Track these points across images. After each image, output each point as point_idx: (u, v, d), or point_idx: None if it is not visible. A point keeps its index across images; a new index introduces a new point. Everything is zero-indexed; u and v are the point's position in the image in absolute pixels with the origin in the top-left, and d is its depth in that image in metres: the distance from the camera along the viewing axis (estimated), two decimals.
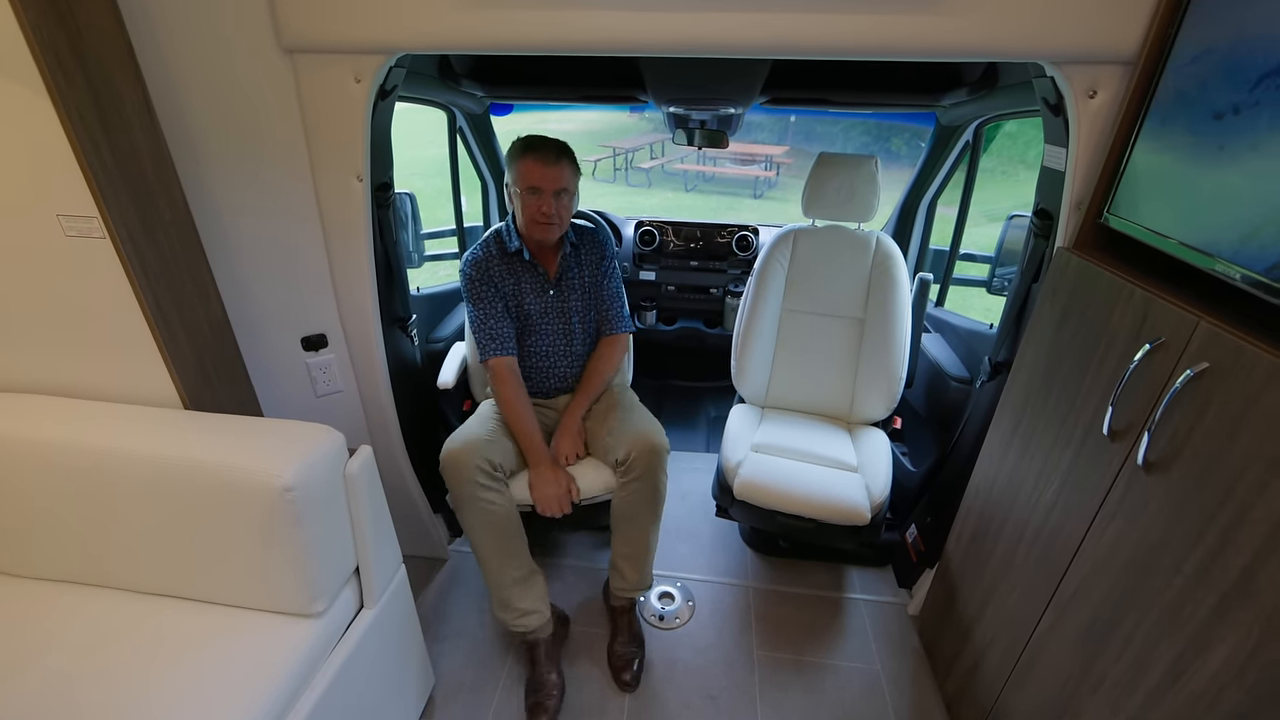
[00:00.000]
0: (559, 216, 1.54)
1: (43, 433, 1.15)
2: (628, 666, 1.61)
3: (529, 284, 1.65)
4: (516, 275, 1.64)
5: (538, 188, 1.51)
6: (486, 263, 1.62)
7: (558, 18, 1.17)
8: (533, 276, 1.65)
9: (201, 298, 1.27)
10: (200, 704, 0.98)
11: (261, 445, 1.10)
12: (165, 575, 1.17)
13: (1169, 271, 0.99)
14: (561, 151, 1.54)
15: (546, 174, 1.50)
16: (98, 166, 1.03)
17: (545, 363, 1.72)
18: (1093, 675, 0.99)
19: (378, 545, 1.25)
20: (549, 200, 1.51)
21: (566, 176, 1.53)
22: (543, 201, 1.52)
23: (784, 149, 11.53)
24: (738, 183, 11.13)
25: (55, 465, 1.13)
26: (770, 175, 10.97)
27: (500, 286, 1.63)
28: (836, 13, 1.13)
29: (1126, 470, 0.94)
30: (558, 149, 1.53)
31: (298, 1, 1.20)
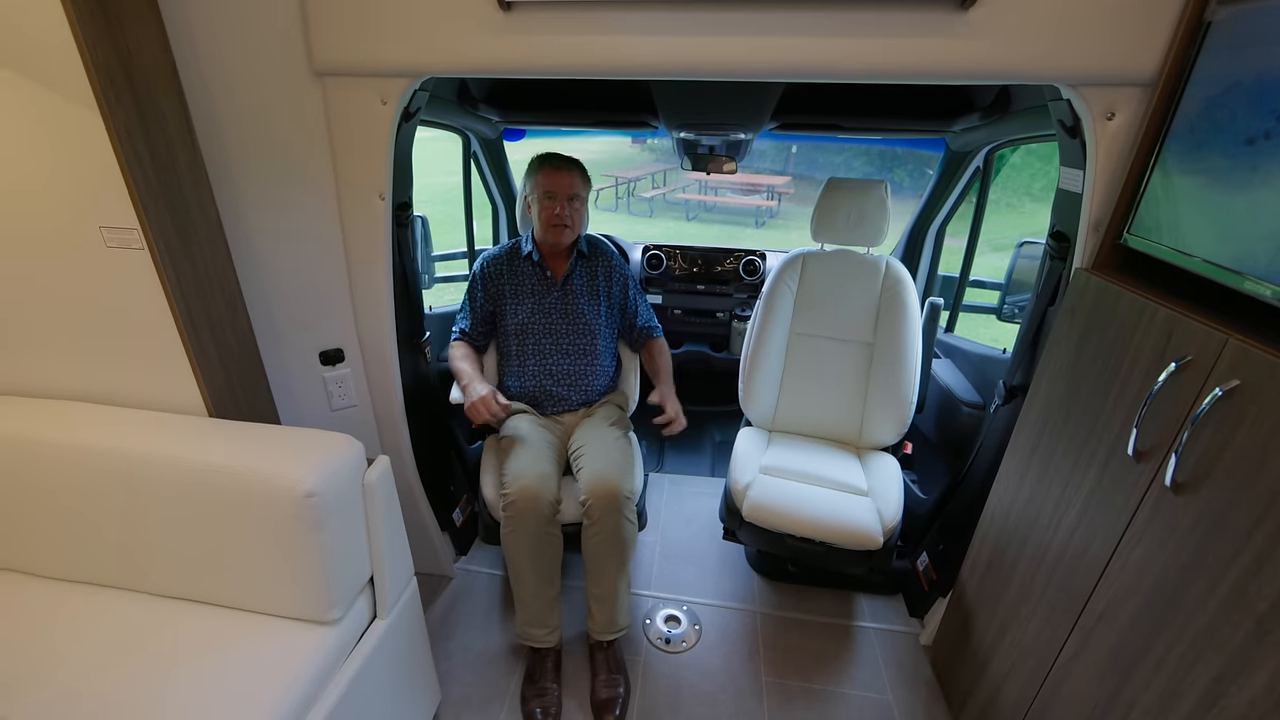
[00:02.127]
0: (571, 219, 1.71)
1: (73, 437, 1.17)
2: (609, 708, 1.55)
3: (532, 285, 1.78)
4: (520, 278, 1.78)
5: (552, 192, 1.68)
6: (496, 263, 1.80)
7: (575, 42, 1.21)
8: (538, 279, 1.77)
9: (230, 310, 1.30)
10: (219, 707, 0.99)
11: (284, 452, 1.11)
12: (188, 579, 1.17)
13: (1190, 292, 1.00)
14: (573, 163, 1.72)
15: (560, 180, 1.69)
16: (140, 180, 1.06)
17: (543, 366, 1.75)
18: (1120, 704, 0.97)
19: (392, 555, 1.25)
20: (562, 204, 1.69)
21: (578, 184, 1.72)
22: (556, 204, 1.69)
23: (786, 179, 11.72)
24: (739, 212, 11.27)
25: (83, 469, 1.15)
26: (772, 204, 11.12)
27: (501, 287, 1.78)
28: (851, 36, 1.15)
29: (1154, 491, 0.94)
30: (569, 161, 1.72)
31: (330, 27, 1.25)
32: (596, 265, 1.84)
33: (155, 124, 1.09)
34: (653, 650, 1.76)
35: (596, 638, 1.62)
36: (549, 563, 1.53)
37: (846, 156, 12.49)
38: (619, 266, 1.87)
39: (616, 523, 1.50)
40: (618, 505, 1.49)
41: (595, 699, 1.58)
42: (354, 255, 1.50)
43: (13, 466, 1.18)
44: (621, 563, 1.55)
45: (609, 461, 1.56)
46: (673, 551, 2.15)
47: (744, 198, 11.48)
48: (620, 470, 1.55)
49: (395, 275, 1.57)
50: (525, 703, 1.55)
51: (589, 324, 1.78)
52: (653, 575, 2.04)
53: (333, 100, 1.33)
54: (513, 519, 1.47)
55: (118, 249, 1.12)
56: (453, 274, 2.76)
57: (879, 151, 11.38)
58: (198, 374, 1.23)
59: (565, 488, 1.61)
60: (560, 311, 1.77)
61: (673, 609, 1.90)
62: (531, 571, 1.52)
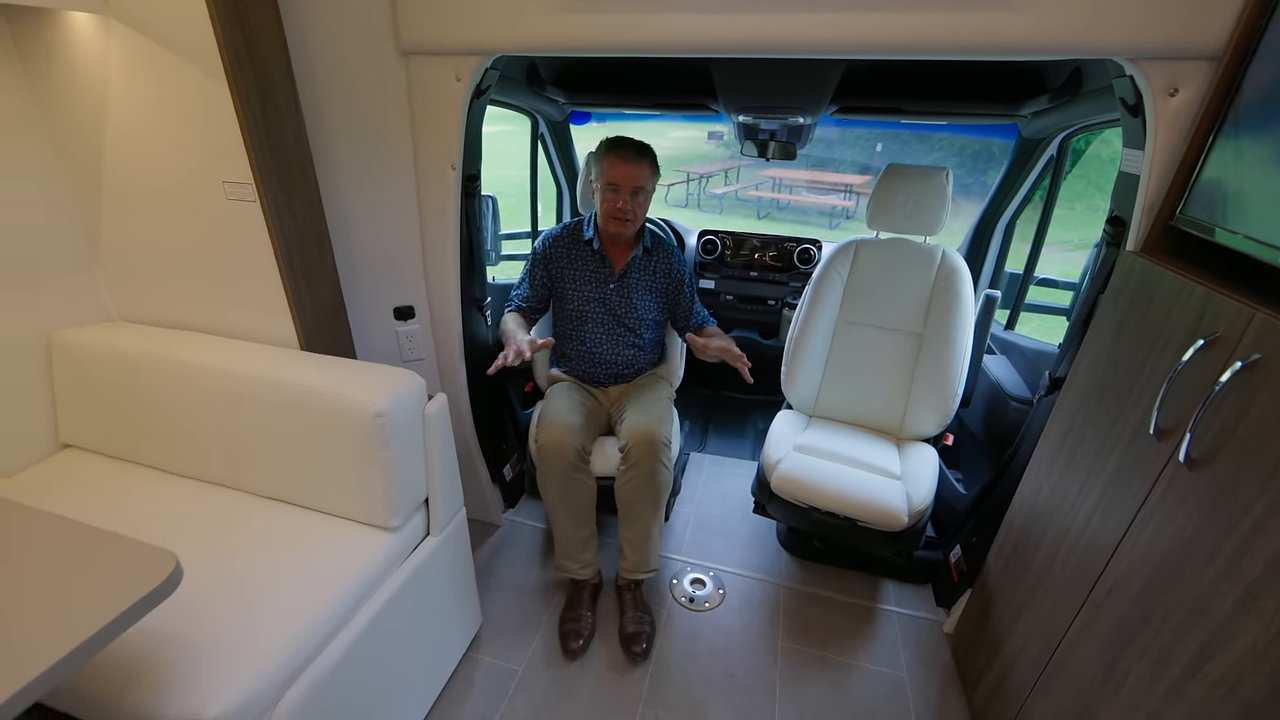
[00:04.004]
0: (633, 213, 1.69)
1: (191, 357, 1.41)
2: (636, 639, 1.68)
3: (590, 272, 1.80)
4: (580, 262, 1.80)
5: (616, 184, 1.66)
6: (559, 243, 1.82)
7: (638, 20, 1.29)
8: (597, 267, 1.80)
9: (321, 261, 1.50)
10: (297, 586, 1.17)
11: (360, 379, 1.30)
12: (276, 481, 1.39)
13: (1247, 277, 0.97)
14: (642, 152, 1.67)
15: (626, 172, 1.65)
16: (256, 143, 1.26)
17: (595, 351, 1.84)
18: (1116, 674, 0.99)
19: (445, 481, 1.42)
20: (625, 197, 1.67)
21: (645, 176, 1.67)
22: (619, 197, 1.67)
23: (866, 178, 11.37)
24: (813, 211, 11.02)
25: (197, 384, 1.38)
26: (849, 205, 10.82)
27: (557, 269, 1.81)
28: (907, 11, 1.16)
29: (1170, 468, 0.94)
30: (639, 149, 1.66)
31: (416, 10, 1.40)
32: (657, 261, 1.84)
33: (269, 95, 1.29)
34: (676, 606, 1.86)
35: (626, 577, 1.75)
36: (581, 505, 1.68)
37: (939, 156, 11.89)
38: (679, 264, 1.87)
39: (652, 467, 1.61)
40: (654, 450, 1.61)
41: (623, 632, 1.71)
42: (427, 220, 1.66)
43: (143, 380, 1.44)
44: (654, 506, 1.66)
45: (649, 414, 1.69)
46: (705, 524, 2.23)
47: (820, 196, 11.22)
48: (659, 420, 1.67)
49: (462, 241, 1.73)
50: (562, 625, 1.72)
51: (641, 317, 1.83)
52: (684, 542, 2.13)
53: (414, 77, 1.49)
54: (542, 463, 1.63)
55: (235, 201, 1.33)
56: (516, 253, 2.94)
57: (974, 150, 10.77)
58: (293, 313, 1.43)
59: (601, 444, 1.74)
60: (615, 302, 1.80)
61: (700, 574, 1.99)
62: (565, 512, 1.67)
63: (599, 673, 1.63)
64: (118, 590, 0.81)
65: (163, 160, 1.37)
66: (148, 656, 1.03)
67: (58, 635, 0.74)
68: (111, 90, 1.33)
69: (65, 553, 0.90)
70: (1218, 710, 0.78)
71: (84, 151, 1.44)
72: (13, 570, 0.86)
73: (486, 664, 1.64)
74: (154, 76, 1.27)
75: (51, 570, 0.87)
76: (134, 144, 1.39)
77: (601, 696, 1.57)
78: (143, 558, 0.88)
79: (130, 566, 0.86)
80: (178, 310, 1.57)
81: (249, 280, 1.43)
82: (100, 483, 1.46)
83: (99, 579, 0.84)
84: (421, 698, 1.48)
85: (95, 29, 1.27)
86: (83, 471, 1.50)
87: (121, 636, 0.80)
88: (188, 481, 1.46)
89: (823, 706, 1.57)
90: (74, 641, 0.74)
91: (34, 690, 0.70)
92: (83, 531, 0.93)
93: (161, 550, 0.88)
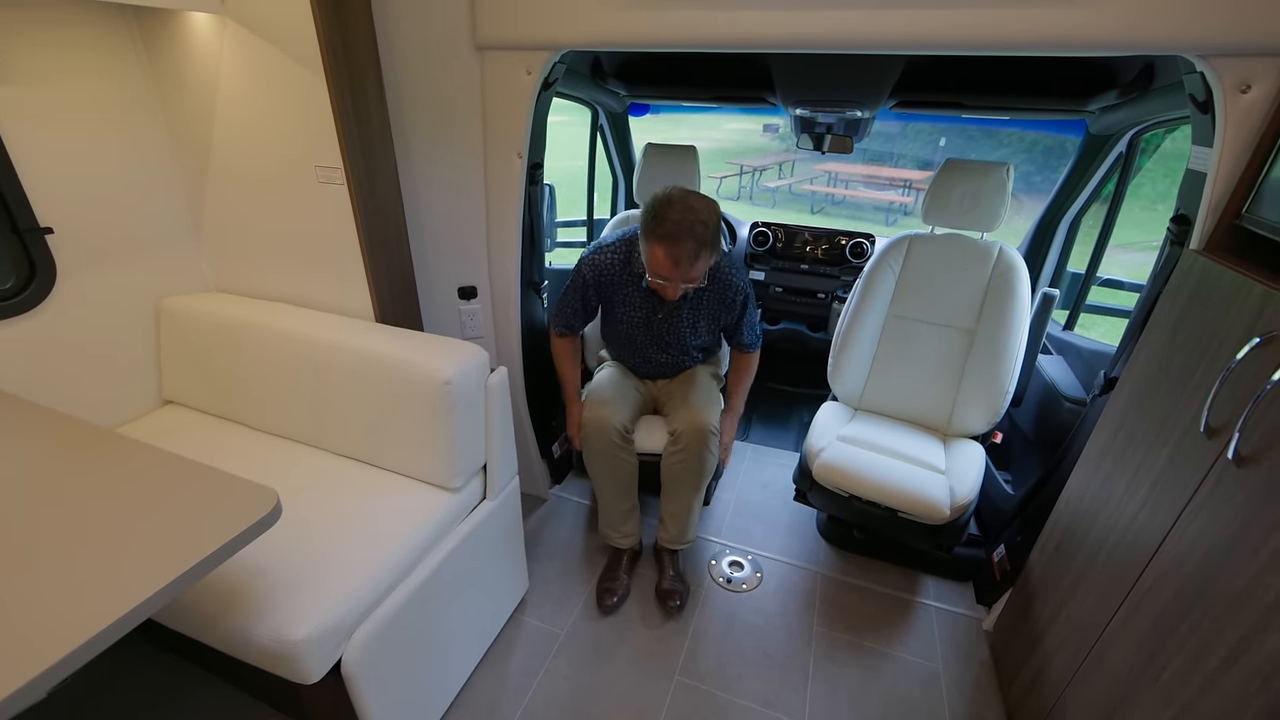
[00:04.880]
0: (682, 294, 1.56)
1: (280, 324, 1.55)
2: (671, 596, 1.80)
3: (638, 302, 1.70)
4: (628, 290, 1.69)
5: (666, 279, 1.47)
6: (606, 269, 1.66)
7: (703, 16, 1.34)
8: (645, 300, 1.69)
9: (396, 241, 1.62)
10: (369, 535, 1.30)
11: (430, 350, 1.41)
12: (352, 442, 1.52)
13: None
14: (701, 246, 1.38)
15: (677, 273, 1.43)
16: (346, 131, 1.39)
17: (639, 353, 1.85)
18: (1154, 666, 1.00)
19: (502, 449, 1.52)
20: (675, 289, 1.50)
21: (699, 271, 1.44)
22: (668, 289, 1.50)
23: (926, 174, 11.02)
24: (868, 207, 10.77)
25: (285, 350, 1.53)
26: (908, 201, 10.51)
27: (613, 295, 1.71)
28: (968, 8, 1.17)
29: (1218, 466, 0.94)
30: (697, 243, 1.37)
31: (491, 8, 1.49)
32: (710, 291, 1.68)
33: (360, 87, 1.40)
34: (714, 586, 1.92)
35: (665, 546, 1.85)
36: (624, 480, 1.77)
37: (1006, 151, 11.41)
38: (739, 291, 1.70)
39: (700, 450, 1.68)
40: (704, 436, 1.68)
41: (660, 589, 1.83)
42: (492, 205, 1.76)
43: (237, 344, 1.60)
44: (697, 485, 1.75)
45: (699, 401, 1.75)
46: (746, 510, 2.28)
47: (876, 192, 10.95)
48: (709, 408, 1.73)
49: (524, 226, 1.82)
50: (600, 584, 1.84)
51: (688, 343, 1.78)
52: (724, 526, 2.19)
53: (488, 71, 1.59)
54: (586, 439, 1.73)
55: (325, 184, 1.46)
56: (571, 240, 3.05)
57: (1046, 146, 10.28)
58: (371, 288, 1.56)
59: (646, 424, 1.82)
60: (664, 330, 1.74)
61: (738, 556, 2.04)
62: (608, 486, 1.77)
63: (637, 641, 1.72)
64: (228, 519, 0.93)
65: (263, 146, 1.51)
66: (244, 585, 1.17)
67: (179, 555, 0.86)
68: (222, 83, 1.48)
69: (182, 486, 1.03)
70: (1252, 700, 0.79)
71: (194, 137, 1.60)
72: (138, 499, 1.00)
73: (531, 625, 1.75)
74: (261, 70, 1.41)
75: (171, 500, 1.00)
76: (238, 131, 1.53)
77: (639, 662, 1.65)
78: (249, 494, 1.00)
79: (238, 500, 0.98)
80: (267, 282, 1.73)
81: (333, 256, 1.56)
82: (198, 435, 1.63)
83: (212, 509, 0.96)
84: (472, 649, 1.59)
85: (212, 27, 1.41)
86: (182, 424, 1.68)
87: (220, 567, 0.91)
88: (273, 438, 1.62)
89: (855, 689, 1.60)
90: (193, 559, 0.86)
91: (161, 598, 0.81)
92: (198, 468, 1.06)
93: (265, 488, 1.00)
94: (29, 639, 0.73)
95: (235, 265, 1.77)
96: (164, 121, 1.61)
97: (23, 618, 0.76)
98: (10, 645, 0.72)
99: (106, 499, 0.99)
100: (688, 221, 1.37)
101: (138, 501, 0.99)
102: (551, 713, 1.52)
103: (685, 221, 1.37)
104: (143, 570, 0.83)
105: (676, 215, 1.38)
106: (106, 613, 0.76)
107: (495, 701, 1.54)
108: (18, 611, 0.77)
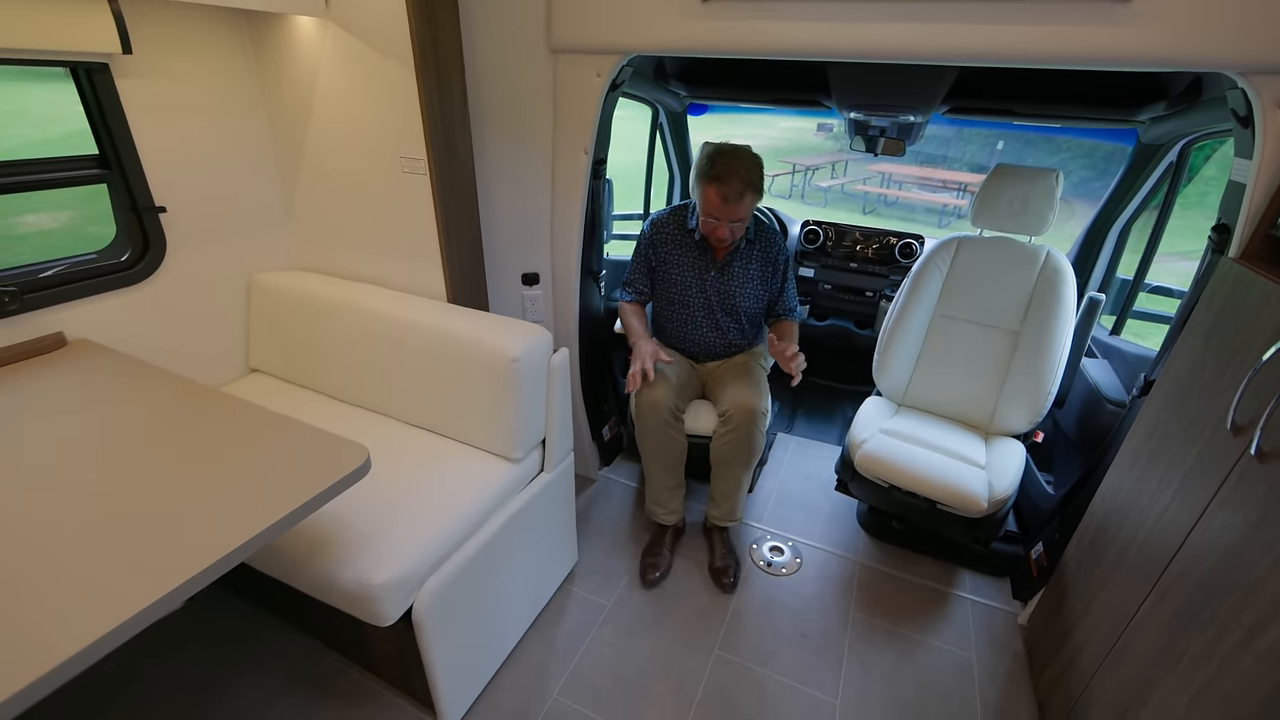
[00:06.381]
0: (732, 236, 1.75)
1: (361, 301, 1.70)
2: (725, 573, 1.90)
3: (692, 260, 1.88)
4: (683, 249, 1.88)
5: (717, 218, 1.69)
6: (664, 227, 1.90)
7: (763, 27, 1.43)
8: (699, 256, 1.88)
9: (470, 228, 1.75)
10: (439, 497, 1.42)
11: (499, 329, 1.54)
12: (424, 413, 1.66)
13: None
14: (746, 186, 1.62)
15: (725, 209, 1.65)
16: (431, 125, 1.52)
17: (692, 333, 1.98)
18: (1175, 651, 1.04)
19: (560, 426, 1.64)
20: (724, 228, 1.70)
21: (745, 210, 1.66)
22: (719, 228, 1.71)
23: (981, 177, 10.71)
24: (921, 209, 10.57)
25: (365, 326, 1.68)
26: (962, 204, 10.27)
27: (662, 252, 1.90)
28: (1017, 24, 1.24)
29: (1242, 461, 0.98)
30: (742, 184, 1.61)
31: (567, 16, 1.60)
32: (759, 249, 1.88)
33: (445, 85, 1.53)
34: (754, 569, 1.99)
35: (715, 523, 1.95)
36: (673, 458, 1.86)
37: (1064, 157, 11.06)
38: (781, 250, 1.91)
39: (750, 432, 1.77)
40: (753, 418, 1.76)
41: (713, 566, 1.93)
42: (558, 197, 1.88)
43: (320, 318, 1.76)
44: (746, 464, 1.84)
45: (748, 386, 1.84)
46: (788, 499, 2.35)
47: (929, 194, 10.74)
48: (758, 392, 1.82)
49: (586, 218, 1.93)
50: (644, 558, 1.94)
51: (738, 304, 1.92)
52: (765, 512, 2.26)
53: (560, 72, 1.70)
54: (640, 417, 1.83)
55: (410, 174, 1.60)
56: (626, 233, 3.15)
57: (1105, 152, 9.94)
58: (445, 271, 1.69)
59: (695, 407, 1.91)
60: (715, 289, 1.89)
61: (779, 542, 2.11)
62: (657, 463, 1.87)
63: (679, 616, 1.81)
64: (325, 470, 1.05)
65: (353, 137, 1.66)
66: (329, 534, 1.31)
67: (284, 498, 0.98)
68: (320, 79, 1.63)
69: (284, 439, 1.16)
70: (1264, 678, 0.84)
71: (291, 128, 1.76)
72: (245, 449, 1.12)
73: (579, 595, 1.86)
74: (356, 68, 1.55)
75: (274, 452, 1.12)
76: (331, 123, 1.69)
77: (680, 635, 1.75)
78: (343, 449, 1.12)
79: (334, 454, 1.11)
80: (348, 262, 1.88)
81: (412, 240, 1.70)
82: (281, 401, 1.79)
83: (311, 461, 1.09)
84: (524, 613, 1.71)
85: (315, 29, 1.56)
86: (268, 391, 1.85)
87: (308, 518, 1.01)
88: (349, 406, 1.77)
89: (889, 672, 1.66)
90: (296, 502, 0.97)
91: (269, 534, 0.93)
92: (297, 425, 1.20)
93: (357, 444, 1.13)
94: (169, 557, 0.86)
95: (320, 246, 1.93)
96: (265, 114, 1.78)
97: (163, 541, 0.90)
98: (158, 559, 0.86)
99: (216, 448, 1.13)
100: (735, 166, 1.62)
101: (245, 451, 1.12)
102: (596, 677, 1.62)
103: (733, 166, 1.62)
104: (254, 510, 0.95)
105: (725, 161, 1.63)
106: (226, 543, 0.88)
107: (544, 663, 1.65)
108: (159, 537, 0.90)
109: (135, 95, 1.49)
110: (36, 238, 5.18)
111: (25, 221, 5.30)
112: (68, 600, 0.79)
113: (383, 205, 1.70)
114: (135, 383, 1.35)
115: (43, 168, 1.43)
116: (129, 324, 1.60)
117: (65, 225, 5.41)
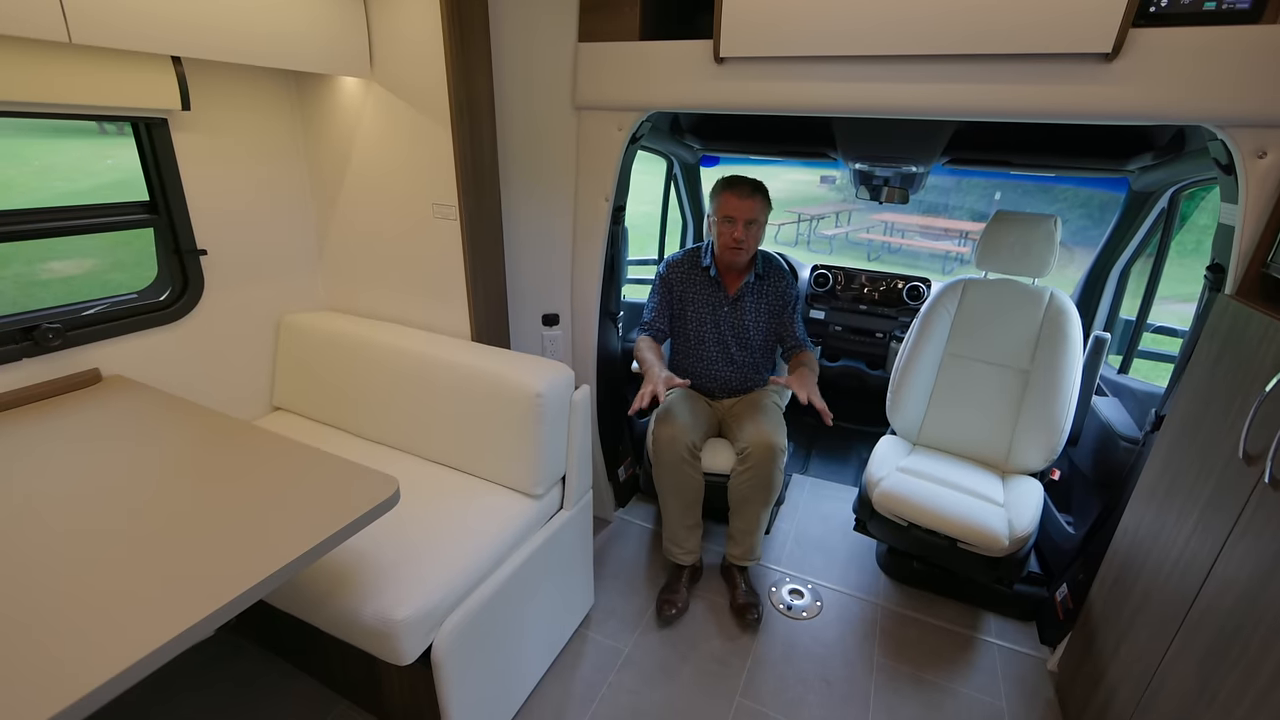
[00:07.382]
0: (747, 243, 1.89)
1: (388, 340, 1.76)
2: (749, 610, 1.88)
3: (705, 295, 2.00)
4: (697, 286, 2.01)
5: (732, 217, 1.86)
6: (679, 267, 2.03)
7: (775, 87, 1.53)
8: (712, 291, 2.00)
9: (495, 271, 1.82)
10: (460, 534, 1.43)
11: (523, 367, 1.58)
12: (447, 450, 1.68)
13: None
14: (755, 189, 1.87)
15: (740, 205, 1.85)
16: (463, 175, 1.61)
17: (708, 368, 2.05)
18: (1210, 688, 1.03)
19: (580, 462, 1.66)
20: (740, 228, 1.86)
21: (757, 209, 1.87)
22: (734, 228, 1.87)
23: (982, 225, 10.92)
24: (925, 257, 10.76)
25: (391, 363, 1.73)
26: (964, 251, 10.46)
27: (679, 290, 2.02)
28: (1008, 83, 1.35)
29: (1258, 490, 1.00)
30: (752, 186, 1.87)
31: (592, 76, 1.72)
32: (769, 285, 2.02)
33: (477, 139, 1.63)
34: (774, 612, 1.97)
35: (734, 562, 1.93)
36: (690, 496, 1.87)
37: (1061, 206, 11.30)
38: (790, 287, 2.04)
39: (769, 470, 1.79)
40: (772, 455, 1.78)
41: (735, 604, 1.91)
42: (579, 242, 1.96)
43: (345, 357, 1.81)
44: (765, 502, 1.84)
45: (766, 423, 1.87)
46: (805, 540, 2.33)
47: (932, 241, 10.95)
48: (775, 430, 1.85)
49: (605, 262, 2.00)
50: (660, 596, 1.92)
51: (752, 339, 2.02)
52: (783, 555, 2.24)
53: (584, 127, 1.80)
54: (657, 455, 1.85)
55: (441, 219, 1.68)
56: (640, 277, 3.24)
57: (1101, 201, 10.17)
58: (471, 311, 1.76)
59: (712, 445, 1.93)
60: (729, 324, 2.00)
61: (798, 585, 2.09)
62: (675, 501, 1.87)
63: (698, 661, 1.78)
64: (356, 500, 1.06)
65: (388, 185, 1.75)
66: (352, 569, 1.30)
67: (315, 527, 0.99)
68: (359, 133, 1.74)
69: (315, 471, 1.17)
70: None
71: (328, 176, 1.87)
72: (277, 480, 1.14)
73: (596, 640, 1.83)
74: (395, 123, 1.66)
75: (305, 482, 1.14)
76: (368, 172, 1.79)
77: (700, 682, 1.71)
78: (372, 480, 1.14)
79: (364, 485, 1.12)
80: (375, 303, 1.95)
81: (440, 281, 1.77)
82: (306, 437, 1.74)
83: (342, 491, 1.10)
84: (542, 657, 1.69)
85: (358, 88, 1.68)
86: (292, 427, 1.88)
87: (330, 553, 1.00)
88: (372, 443, 1.80)
89: None
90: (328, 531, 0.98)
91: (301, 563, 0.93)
92: (327, 457, 1.22)
93: (386, 475, 1.15)
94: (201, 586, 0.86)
95: (348, 286, 2.01)
96: (305, 163, 1.88)
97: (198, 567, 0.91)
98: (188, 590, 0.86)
99: (248, 479, 1.15)
100: (743, 178, 1.88)
101: (276, 482, 1.14)
102: None
103: (741, 178, 1.88)
104: (284, 538, 0.96)
105: (734, 176, 1.88)
106: (260, 569, 0.89)
107: (561, 709, 1.61)
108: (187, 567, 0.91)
109: (188, 147, 1.59)
110: (59, 284, 5.34)
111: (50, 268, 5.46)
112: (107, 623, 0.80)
113: (413, 247, 1.78)
114: (169, 415, 1.39)
115: (95, 213, 1.51)
116: (160, 361, 1.65)
117: (87, 272, 5.57)
